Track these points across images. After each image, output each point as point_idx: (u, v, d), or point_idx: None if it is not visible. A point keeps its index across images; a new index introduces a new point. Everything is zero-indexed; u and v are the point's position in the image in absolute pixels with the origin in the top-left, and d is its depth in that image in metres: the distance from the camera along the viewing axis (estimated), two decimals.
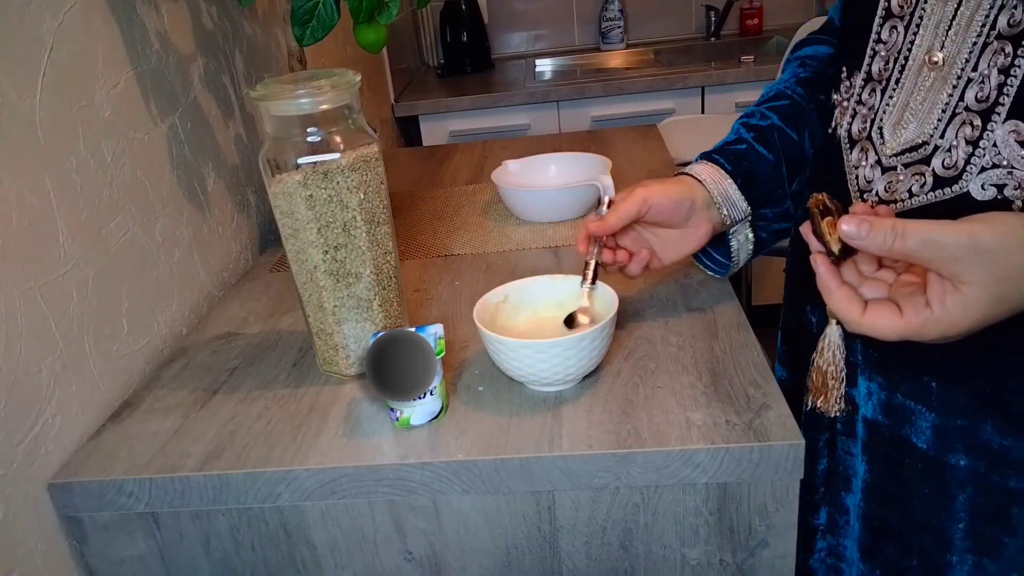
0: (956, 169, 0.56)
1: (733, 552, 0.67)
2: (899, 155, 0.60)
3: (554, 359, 0.67)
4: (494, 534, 0.68)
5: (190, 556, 0.71)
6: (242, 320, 0.94)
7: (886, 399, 0.65)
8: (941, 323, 0.49)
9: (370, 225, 0.72)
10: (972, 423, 0.60)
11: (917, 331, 0.50)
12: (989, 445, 0.59)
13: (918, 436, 0.63)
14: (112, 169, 0.83)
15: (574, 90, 2.27)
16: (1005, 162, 0.53)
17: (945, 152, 0.57)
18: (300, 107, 0.68)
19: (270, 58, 1.29)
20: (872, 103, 0.63)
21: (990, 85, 0.54)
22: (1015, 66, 0.52)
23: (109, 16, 0.85)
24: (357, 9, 0.91)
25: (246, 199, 1.15)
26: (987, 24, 0.54)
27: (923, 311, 0.49)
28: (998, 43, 0.53)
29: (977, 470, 0.60)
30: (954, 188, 0.56)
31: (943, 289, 0.49)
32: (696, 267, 0.86)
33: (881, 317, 0.51)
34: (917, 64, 0.59)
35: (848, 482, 0.71)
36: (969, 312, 0.48)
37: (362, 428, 0.70)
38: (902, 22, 0.60)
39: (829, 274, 0.54)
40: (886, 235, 0.48)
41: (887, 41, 0.62)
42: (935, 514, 0.64)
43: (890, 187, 0.61)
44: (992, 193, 0.54)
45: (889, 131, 0.61)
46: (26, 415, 0.68)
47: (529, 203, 1.12)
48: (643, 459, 0.63)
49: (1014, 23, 0.52)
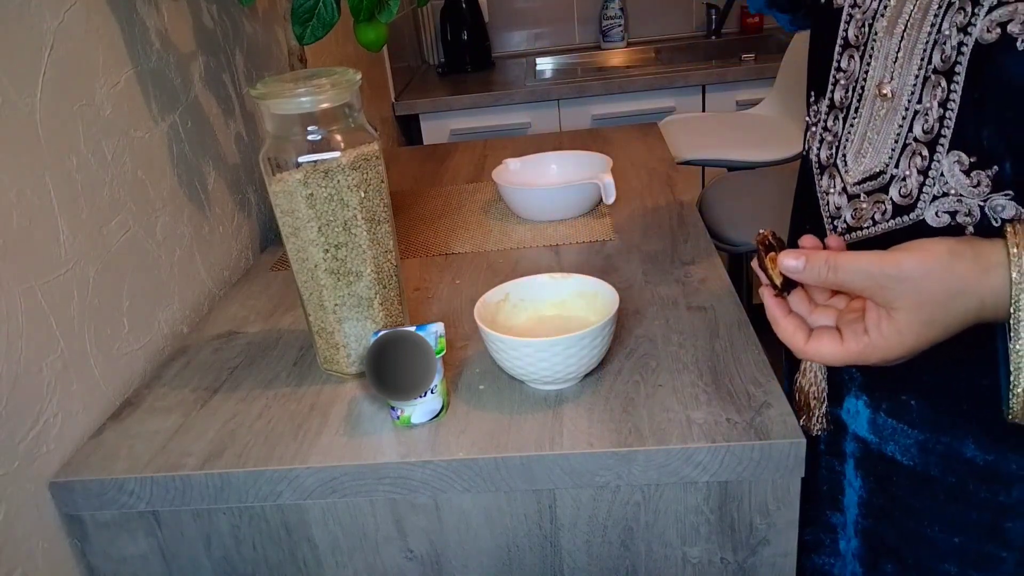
0: (911, 198, 0.57)
1: (734, 550, 0.67)
2: (860, 183, 0.61)
3: (555, 358, 0.67)
4: (495, 533, 0.68)
5: (191, 555, 0.71)
6: (243, 319, 0.94)
7: (871, 417, 0.66)
8: (879, 348, 0.51)
9: (371, 224, 0.72)
10: (954, 440, 0.60)
11: (858, 356, 0.52)
12: (974, 462, 0.60)
13: (903, 454, 0.64)
14: (113, 168, 0.83)
15: (575, 88, 2.27)
16: (953, 191, 0.54)
17: (900, 181, 0.58)
18: (300, 106, 0.68)
19: (270, 57, 1.29)
20: (836, 130, 0.64)
21: (932, 117, 0.55)
22: (951, 100, 0.53)
23: (109, 15, 0.85)
24: (357, 7, 0.91)
25: (247, 198, 1.15)
26: (925, 58, 0.55)
27: (862, 337, 0.52)
28: (935, 77, 0.54)
29: (965, 487, 0.61)
30: (911, 216, 0.57)
31: (878, 315, 0.51)
32: (695, 265, 0.86)
33: (824, 345, 0.54)
34: (871, 95, 0.60)
35: (836, 501, 0.71)
36: (904, 336, 0.50)
37: (363, 427, 0.70)
38: (858, 52, 0.61)
39: (775, 305, 0.57)
40: (820, 268, 0.51)
41: (846, 70, 0.62)
42: (928, 526, 0.64)
43: (856, 214, 0.62)
44: (946, 220, 0.55)
45: (851, 159, 0.62)
46: (27, 414, 0.68)
47: (530, 202, 1.12)
48: (644, 457, 0.63)
49: (945, 59, 0.53)
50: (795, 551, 0.67)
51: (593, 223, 1.10)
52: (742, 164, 1.83)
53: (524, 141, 1.61)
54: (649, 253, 0.98)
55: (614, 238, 1.04)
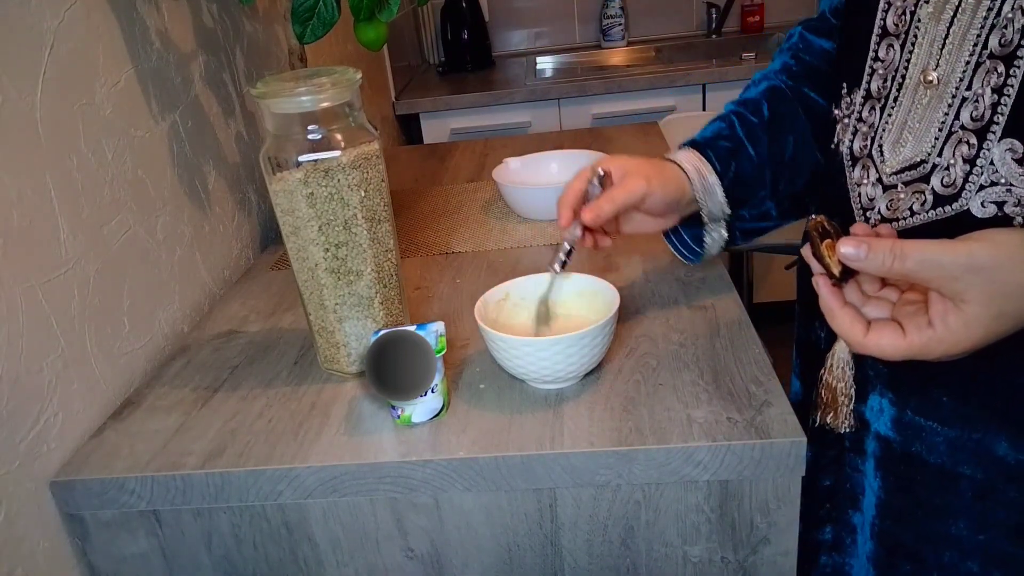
0: (955, 187, 0.56)
1: (735, 549, 0.67)
2: (898, 173, 0.60)
3: (555, 357, 0.67)
4: (495, 532, 0.68)
5: (192, 554, 0.71)
6: (243, 318, 0.94)
7: (896, 415, 0.64)
8: (944, 342, 0.49)
9: (371, 223, 0.72)
10: (986, 437, 0.59)
11: (921, 350, 0.50)
12: (1005, 461, 0.58)
13: (930, 452, 0.62)
14: (113, 167, 0.83)
15: (575, 87, 2.27)
16: (1003, 180, 0.53)
17: (943, 170, 0.57)
18: (301, 105, 0.68)
19: (271, 56, 1.29)
20: (872, 121, 0.63)
21: (984, 104, 0.53)
22: (1008, 85, 0.52)
23: (109, 14, 0.84)
24: (358, 7, 0.91)
25: (247, 197, 1.15)
26: (979, 43, 0.54)
27: (926, 330, 0.50)
28: (990, 62, 0.53)
29: (995, 485, 0.59)
30: (954, 206, 0.56)
31: (945, 308, 0.49)
32: (701, 263, 0.86)
33: (884, 337, 0.51)
34: (913, 83, 0.59)
35: (856, 500, 0.70)
36: (971, 330, 0.48)
37: (363, 426, 0.70)
38: (898, 40, 0.60)
39: (831, 296, 0.54)
40: (884, 256, 0.49)
41: (884, 59, 0.61)
42: (952, 524, 0.62)
43: (891, 205, 0.61)
44: (992, 210, 0.54)
45: (888, 149, 0.61)
46: (28, 413, 0.68)
47: (530, 201, 1.12)
48: (645, 456, 0.63)
49: (1005, 43, 0.52)
50: (796, 550, 0.67)
51: None
52: None
53: (524, 140, 1.61)
54: (649, 252, 0.98)
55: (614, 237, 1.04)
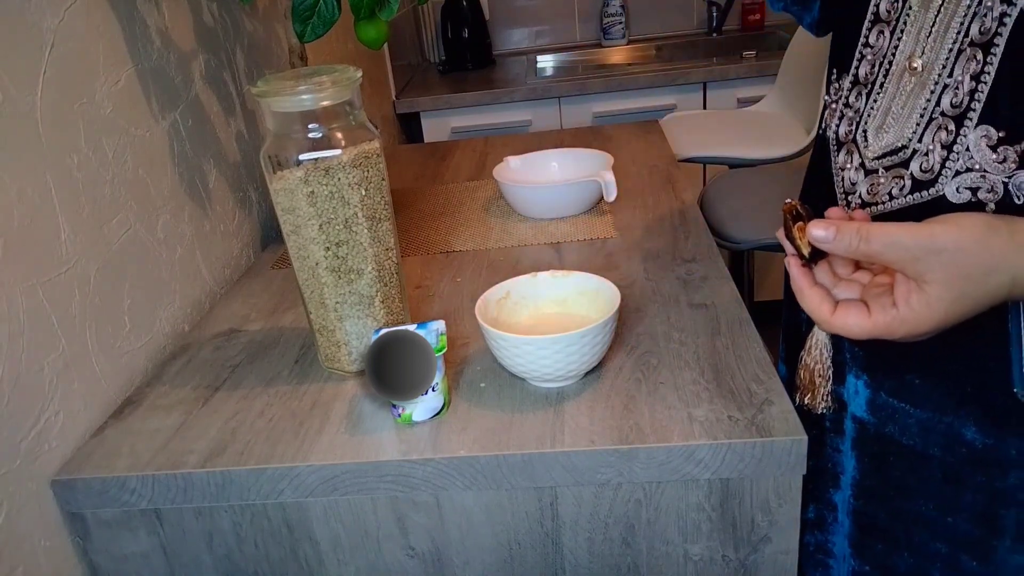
0: (932, 173, 0.57)
1: (736, 548, 0.67)
2: (880, 158, 0.61)
3: (556, 355, 0.67)
4: (496, 530, 0.68)
5: (193, 552, 0.71)
6: (244, 317, 0.94)
7: (871, 397, 0.66)
8: (907, 322, 0.51)
9: (371, 221, 0.72)
10: (956, 421, 0.60)
11: (885, 330, 0.52)
12: (973, 445, 0.60)
13: (903, 433, 0.64)
14: (113, 166, 0.83)
15: (575, 86, 2.26)
16: (977, 166, 0.54)
17: (922, 156, 0.58)
18: (301, 103, 0.68)
19: (271, 55, 1.29)
20: (858, 106, 0.64)
21: (963, 91, 0.55)
22: (985, 73, 0.53)
23: (110, 13, 0.84)
24: (358, 5, 0.91)
25: (248, 196, 1.15)
26: (961, 31, 0.55)
27: (890, 310, 0.51)
28: (971, 50, 0.54)
29: (962, 469, 0.61)
30: (931, 191, 0.57)
31: (908, 288, 0.50)
32: (697, 262, 0.86)
33: (851, 317, 0.53)
34: (899, 69, 0.60)
35: (836, 479, 0.72)
36: (933, 310, 0.49)
37: (364, 424, 0.70)
38: (888, 27, 0.61)
39: (801, 276, 0.56)
40: (851, 238, 0.50)
41: (874, 45, 0.62)
42: (923, 504, 0.64)
43: (872, 190, 0.62)
44: (967, 196, 0.55)
45: (872, 134, 0.62)
46: (29, 412, 0.68)
47: (531, 199, 1.12)
48: (645, 455, 0.63)
49: (984, 31, 0.53)
50: (796, 548, 0.67)
51: (594, 221, 1.10)
52: (743, 161, 1.82)
53: (525, 139, 1.61)
54: (650, 250, 0.98)
55: (615, 236, 1.04)
